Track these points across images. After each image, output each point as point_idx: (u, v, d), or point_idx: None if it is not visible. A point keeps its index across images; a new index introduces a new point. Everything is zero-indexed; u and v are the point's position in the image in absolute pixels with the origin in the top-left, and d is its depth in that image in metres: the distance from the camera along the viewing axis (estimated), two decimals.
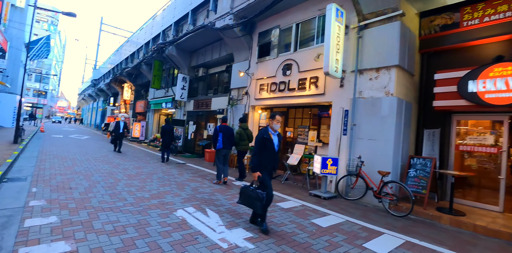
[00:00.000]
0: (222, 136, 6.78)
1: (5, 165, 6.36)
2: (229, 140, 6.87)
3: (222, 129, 6.88)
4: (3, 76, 20.61)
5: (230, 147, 6.98)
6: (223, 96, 11.30)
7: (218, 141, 6.78)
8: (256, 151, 3.92)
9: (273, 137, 3.98)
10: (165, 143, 9.82)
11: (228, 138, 6.85)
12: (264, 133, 3.95)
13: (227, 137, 6.83)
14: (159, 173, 7.45)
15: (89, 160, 8.75)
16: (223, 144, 6.76)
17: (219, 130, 6.85)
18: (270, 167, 4.01)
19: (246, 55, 10.01)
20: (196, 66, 13.74)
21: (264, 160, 3.87)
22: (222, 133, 6.81)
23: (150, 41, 16.38)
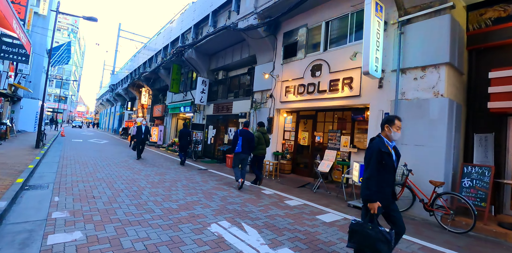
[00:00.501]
0: (242, 140, 6.67)
1: (26, 171, 6.13)
2: (248, 145, 6.74)
3: (242, 133, 6.76)
4: (26, 82, 21.04)
5: (248, 152, 6.84)
6: (245, 99, 10.90)
7: (238, 145, 6.69)
8: (372, 172, 2.76)
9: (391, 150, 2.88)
10: (182, 146, 10.20)
11: (248, 143, 6.73)
12: (380, 144, 2.80)
13: (247, 142, 6.70)
14: (183, 180, 7.06)
15: (110, 166, 8.49)
16: (242, 148, 6.65)
17: (239, 134, 6.75)
18: (389, 193, 2.89)
19: (270, 56, 9.59)
20: (215, 69, 13.45)
21: (382, 183, 2.79)
22: (242, 137, 6.70)
23: (168, 45, 16.27)
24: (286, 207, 5.23)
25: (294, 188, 7.21)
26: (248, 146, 6.74)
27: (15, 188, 4.67)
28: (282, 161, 8.88)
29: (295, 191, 6.82)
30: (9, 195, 4.26)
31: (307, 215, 4.81)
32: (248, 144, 6.73)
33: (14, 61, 11.39)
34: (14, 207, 4.08)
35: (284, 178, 8.47)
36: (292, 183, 7.76)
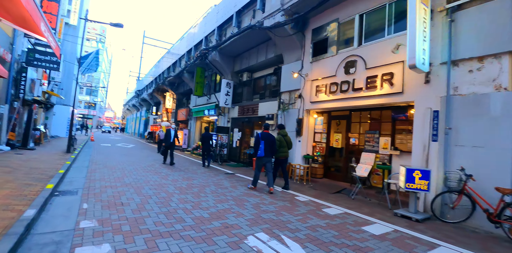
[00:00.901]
0: (264, 143, 6.55)
1: (57, 177, 6.08)
2: (270, 148, 6.62)
3: (264, 136, 6.62)
4: (58, 89, 21.95)
5: (271, 155, 6.73)
6: (271, 100, 10.51)
7: (260, 149, 6.57)
8: None
9: None
10: (205, 149, 10.44)
11: (270, 146, 6.61)
12: None
13: (268, 145, 6.59)
14: (211, 185, 6.75)
15: (137, 170, 8.38)
16: (265, 152, 6.55)
17: (260, 138, 6.61)
18: None
19: (297, 55, 9.15)
20: (239, 71, 13.19)
21: None
22: (264, 141, 6.57)
23: (192, 48, 16.28)
24: (326, 216, 4.74)
25: (329, 194, 6.68)
26: (270, 149, 6.61)
27: (45, 195, 4.54)
28: (314, 164, 8.36)
29: (331, 198, 6.29)
30: (38, 202, 4.11)
31: (352, 226, 4.29)
32: (270, 147, 6.60)
33: (47, 68, 11.76)
34: (43, 215, 3.91)
35: (316, 182, 7.95)
36: (326, 188, 7.22)
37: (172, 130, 10.40)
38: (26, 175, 6.13)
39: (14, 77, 10.81)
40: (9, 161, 7.75)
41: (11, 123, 10.52)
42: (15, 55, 10.73)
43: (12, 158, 8.29)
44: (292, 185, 7.59)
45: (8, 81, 10.49)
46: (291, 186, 7.31)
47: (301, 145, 8.70)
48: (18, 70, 11.04)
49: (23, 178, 5.81)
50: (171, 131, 10.30)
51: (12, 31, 10.59)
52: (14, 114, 10.54)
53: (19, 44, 10.97)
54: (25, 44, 11.47)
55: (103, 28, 74.95)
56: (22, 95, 11.04)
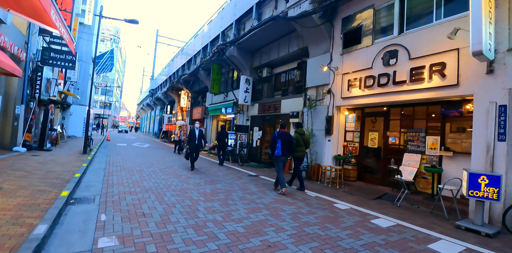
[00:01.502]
0: (281, 142, 6.37)
1: (73, 181, 5.62)
2: (287, 147, 6.45)
3: (280, 135, 6.45)
4: (74, 89, 21.92)
5: (288, 154, 6.58)
6: (295, 97, 9.82)
7: (277, 148, 6.39)
8: None
9: None
10: (221, 147, 10.95)
11: (287, 145, 6.44)
12: None
13: (285, 144, 6.41)
14: (238, 190, 6.16)
15: (156, 173, 7.90)
16: (282, 151, 6.37)
17: (277, 136, 6.44)
18: None
19: (325, 47, 8.42)
20: (259, 66, 12.55)
21: None
22: (280, 140, 6.39)
23: (207, 45, 15.73)
24: (379, 230, 4.05)
25: (369, 200, 5.96)
26: (288, 148, 6.45)
27: (59, 204, 4.05)
28: (346, 166, 7.64)
29: (374, 205, 5.58)
30: (51, 214, 3.61)
31: (415, 243, 3.59)
32: (287, 146, 6.43)
33: (62, 67, 11.48)
34: (57, 230, 3.40)
35: (350, 186, 7.24)
36: (364, 193, 6.50)
37: (197, 130, 8.83)
38: (41, 179, 5.71)
39: (29, 76, 10.54)
40: (24, 163, 7.40)
41: (27, 124, 10.27)
42: (30, 54, 10.45)
43: (28, 160, 7.96)
44: (324, 188, 6.91)
45: (23, 81, 10.22)
46: (323, 190, 6.65)
47: (331, 144, 7.99)
48: (33, 69, 10.77)
49: (37, 183, 5.38)
50: (196, 131, 8.76)
51: (26, 29, 10.31)
52: (30, 114, 10.28)
53: (34, 43, 10.69)
54: (40, 43, 11.20)
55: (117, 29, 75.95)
56: (37, 95, 10.77)
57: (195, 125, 9.18)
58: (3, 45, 8.12)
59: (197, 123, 9.29)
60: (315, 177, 8.01)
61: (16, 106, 9.68)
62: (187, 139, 9.10)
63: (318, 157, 8.21)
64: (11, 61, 8.24)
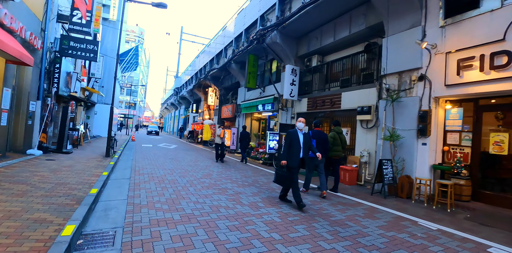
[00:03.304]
0: (316, 142, 5.86)
1: (85, 204, 3.93)
2: (323, 147, 5.93)
3: (315, 134, 6.00)
4: (99, 87, 20.98)
5: (324, 155, 5.98)
6: (363, 88, 7.75)
7: None
8: None
9: None
10: (243, 147, 11.02)
11: (322, 145, 5.93)
12: None
13: (320, 144, 5.91)
14: (315, 216, 4.23)
15: (193, 184, 6.15)
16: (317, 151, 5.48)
17: (312, 136, 5.85)
18: None
19: (413, 19, 6.30)
20: (306, 54, 10.58)
21: None
22: (315, 139, 5.89)
23: (242, 33, 13.95)
24: None
25: None
26: (322, 148, 5.90)
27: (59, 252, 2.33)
28: (455, 179, 5.47)
29: None
30: None
31: None
32: (322, 146, 5.91)
33: (83, 58, 10.09)
34: None
35: (470, 210, 5.09)
36: (498, 221, 4.36)
37: (300, 133, 5.05)
38: (45, 198, 4.08)
39: (46, 68, 9.19)
40: (32, 172, 5.88)
41: (43, 123, 8.92)
42: (47, 43, 9.10)
43: (38, 167, 6.48)
44: (431, 213, 4.83)
45: (39, 73, 8.88)
46: (432, 216, 4.58)
47: (427, 149, 5.88)
48: (51, 60, 9.43)
49: (36, 206, 3.73)
50: (299, 134, 4.98)
51: (43, 14, 8.96)
52: (46, 112, 8.92)
53: (52, 30, 9.35)
54: (58, 31, 9.87)
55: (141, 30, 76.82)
56: (55, 89, 9.41)
57: (297, 125, 5.14)
58: (11, 27, 6.70)
59: (299, 122, 5.14)
60: (404, 193, 5.92)
61: (30, 102, 8.32)
62: (284, 148, 5.00)
63: (406, 166, 6.12)
64: (20, 46, 6.78)
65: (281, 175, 5.00)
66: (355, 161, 7.60)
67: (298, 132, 5.00)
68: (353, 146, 7.93)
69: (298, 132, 5.00)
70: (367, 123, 7.46)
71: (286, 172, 4.90)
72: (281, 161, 4.93)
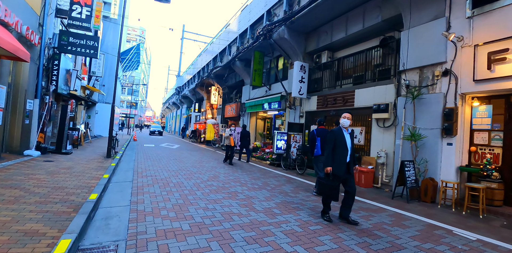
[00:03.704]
0: (320, 140, 5.81)
1: (86, 209, 3.52)
2: None
3: (319, 132, 5.94)
4: (100, 85, 20.60)
5: None
6: (379, 85, 7.31)
7: (316, 147, 5.90)
8: None
9: None
10: (243, 146, 11.08)
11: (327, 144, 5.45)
12: None
13: (326, 142, 5.04)
14: (340, 225, 3.81)
15: (201, 188, 5.73)
16: (321, 150, 5.75)
17: (316, 134, 5.94)
18: None
19: (436, 10, 5.86)
20: (314, 51, 10.14)
21: None
22: (320, 138, 5.84)
23: (247, 29, 13.51)
24: None
25: None
26: None
27: None
28: (486, 183, 5.03)
29: None
30: None
31: None
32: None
33: (83, 55, 9.68)
34: None
35: (500, 215, 4.66)
36: None
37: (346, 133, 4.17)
38: (39, 205, 3.68)
39: (44, 65, 8.79)
40: (28, 174, 5.48)
41: (41, 122, 8.52)
42: (46, 39, 8.70)
43: (35, 169, 6.07)
44: (462, 219, 4.40)
45: (37, 70, 8.47)
46: (448, 219, 4.15)
47: (453, 150, 5.44)
48: (49, 57, 9.03)
49: (30, 214, 3.33)
50: (345, 135, 4.10)
51: (41, 9, 8.56)
52: (44, 111, 8.52)
53: (50, 26, 8.94)
54: (57, 27, 9.46)
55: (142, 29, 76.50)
56: (53, 87, 9.00)
57: (340, 122, 4.15)
58: (5, 20, 6.29)
59: (344, 118, 4.15)
60: (428, 197, 5.48)
61: (27, 101, 7.92)
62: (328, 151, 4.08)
63: (430, 167, 5.68)
64: (15, 41, 6.37)
65: (328, 186, 3.98)
66: (370, 162, 7.17)
67: (343, 131, 4.07)
68: (368, 146, 7.50)
69: (344, 131, 4.07)
70: (384, 122, 7.03)
71: (334, 181, 3.96)
72: (325, 167, 4.03)
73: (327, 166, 4.00)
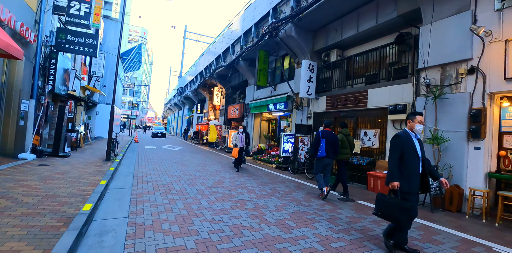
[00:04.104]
0: (325, 142, 5.65)
1: (74, 229, 3.09)
2: (332, 148, 5.70)
3: (325, 134, 5.76)
4: (101, 86, 20.22)
5: (333, 156, 5.79)
6: (395, 84, 6.86)
7: (321, 148, 5.67)
8: None
9: None
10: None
11: (332, 146, 5.70)
12: None
13: (330, 145, 5.68)
14: (367, 244, 3.37)
15: (205, 195, 5.30)
16: (326, 152, 5.62)
17: (321, 136, 5.74)
18: None
19: (460, 2, 5.42)
20: (323, 49, 9.70)
21: None
22: (325, 139, 5.68)
23: (252, 27, 13.10)
24: None
25: None
26: (332, 149, 5.71)
27: None
28: None
29: None
30: None
31: None
32: (332, 147, 5.71)
33: (82, 54, 9.28)
34: None
35: None
36: None
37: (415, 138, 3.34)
38: (25, 219, 3.25)
39: (41, 64, 8.40)
40: (18, 181, 5.06)
41: (37, 124, 8.12)
42: (42, 37, 8.31)
43: (28, 174, 5.66)
44: (487, 230, 3.94)
45: (33, 70, 8.08)
46: (482, 233, 3.69)
47: (481, 155, 4.98)
48: (46, 55, 8.63)
49: (13, 230, 2.91)
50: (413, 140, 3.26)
51: (37, 5, 8.17)
52: (40, 112, 8.11)
53: (47, 23, 8.55)
54: (55, 24, 9.06)
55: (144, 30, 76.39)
56: (50, 87, 8.60)
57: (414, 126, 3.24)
58: None
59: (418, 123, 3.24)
60: (454, 206, 5.03)
61: (22, 101, 7.51)
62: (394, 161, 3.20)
63: (454, 173, 5.23)
64: (7, 37, 5.96)
65: (390, 204, 3.08)
66: (386, 167, 6.71)
67: (412, 137, 3.21)
68: (383, 149, 7.04)
69: (413, 137, 3.21)
70: (400, 124, 6.57)
71: (398, 200, 3.07)
72: (389, 181, 3.13)
73: (392, 180, 3.10)
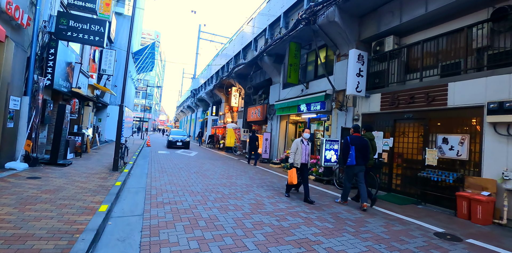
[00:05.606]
0: (355, 149, 5.21)
1: None
2: (362, 155, 5.24)
3: (354, 140, 5.30)
4: (112, 86, 19.02)
5: (363, 163, 5.28)
6: (494, 74, 5.06)
7: (350, 156, 5.23)
8: None
9: None
10: (252, 149, 11.34)
11: (362, 152, 5.23)
12: None
13: (360, 151, 5.21)
14: None
15: (248, 230, 3.66)
16: (356, 159, 5.19)
17: (350, 142, 5.27)
18: None
19: None
20: (373, 37, 7.99)
21: None
22: (354, 146, 5.22)
23: (280, 16, 11.50)
24: None
25: None
26: (362, 156, 5.21)
27: None
28: None
29: None
30: None
31: None
32: (362, 154, 5.20)
33: (86, 42, 7.87)
34: None
35: None
36: None
37: None
38: None
39: (37, 54, 7.01)
40: None
41: (29, 126, 6.69)
42: (40, 21, 6.93)
43: (6, 193, 4.15)
44: None
45: (27, 60, 6.69)
46: None
47: None
48: (44, 44, 7.25)
49: None
50: None
51: None
52: (33, 112, 6.68)
53: (46, 5, 7.18)
54: (55, 6, 7.68)
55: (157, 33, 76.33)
56: (48, 82, 7.20)
57: None
58: None
59: None
60: None
61: (11, 98, 6.10)
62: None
63: None
64: None
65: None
66: (484, 186, 4.92)
67: None
68: (477, 162, 5.24)
69: None
70: (508, 127, 4.78)
71: None
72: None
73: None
